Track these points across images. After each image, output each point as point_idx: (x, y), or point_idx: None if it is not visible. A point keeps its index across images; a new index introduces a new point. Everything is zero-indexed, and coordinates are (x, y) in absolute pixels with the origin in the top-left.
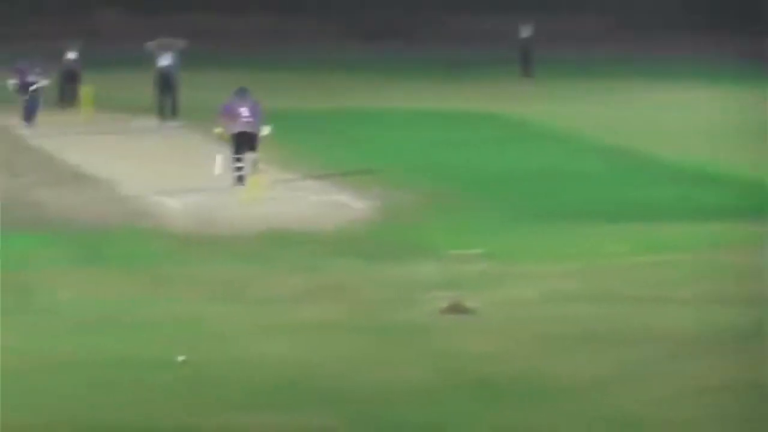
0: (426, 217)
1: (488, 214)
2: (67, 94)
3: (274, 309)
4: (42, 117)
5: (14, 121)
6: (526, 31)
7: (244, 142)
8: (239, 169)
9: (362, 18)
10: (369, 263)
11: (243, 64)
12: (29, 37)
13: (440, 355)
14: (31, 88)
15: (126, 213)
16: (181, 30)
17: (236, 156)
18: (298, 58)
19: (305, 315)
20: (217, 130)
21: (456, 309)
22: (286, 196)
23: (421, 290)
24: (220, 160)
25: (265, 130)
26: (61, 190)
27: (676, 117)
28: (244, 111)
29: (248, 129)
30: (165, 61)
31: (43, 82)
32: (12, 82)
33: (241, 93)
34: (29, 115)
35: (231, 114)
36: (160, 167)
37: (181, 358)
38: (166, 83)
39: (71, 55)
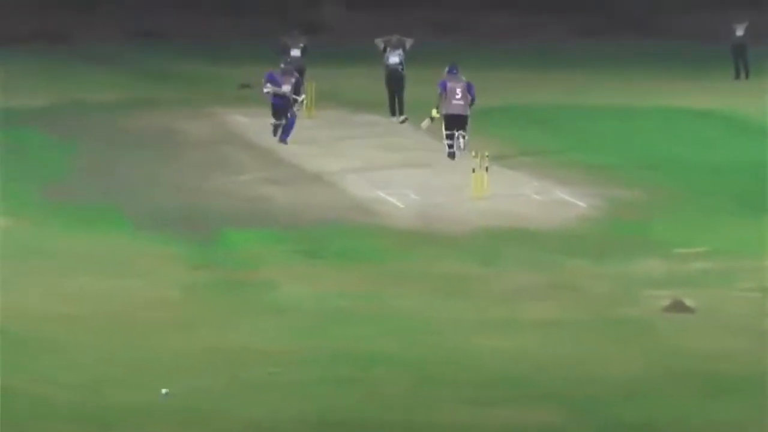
0: (649, 214)
1: (712, 210)
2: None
3: (500, 306)
4: (266, 114)
5: (240, 118)
6: (740, 28)
7: (454, 123)
8: (450, 146)
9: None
10: (594, 261)
11: (472, 59)
12: (250, 35)
13: (663, 352)
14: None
15: (351, 210)
16: (409, 25)
17: (447, 132)
18: (523, 53)
19: (531, 312)
20: (434, 113)
21: (678, 307)
22: (510, 193)
23: (645, 288)
24: (427, 122)
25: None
26: (285, 187)
27: None
28: (458, 91)
29: (459, 111)
30: (394, 58)
31: (302, 98)
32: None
33: (453, 70)
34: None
35: (445, 92)
36: (382, 164)
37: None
38: (395, 81)
39: (295, 52)
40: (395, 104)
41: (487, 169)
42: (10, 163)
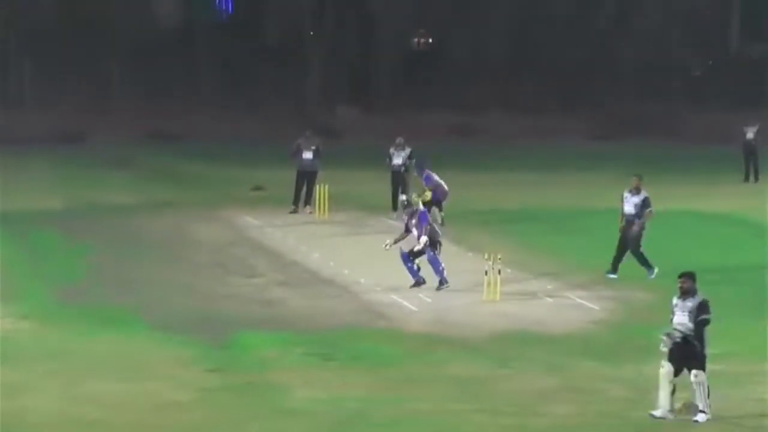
0: (664, 319)
1: (725, 314)
2: (304, 193)
3: (517, 409)
4: (279, 216)
5: (252, 220)
6: (751, 131)
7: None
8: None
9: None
10: (608, 364)
11: (489, 161)
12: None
13: None
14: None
15: (364, 313)
16: (424, 128)
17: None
18: (536, 155)
19: (547, 416)
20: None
21: (693, 409)
22: (523, 296)
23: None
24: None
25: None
26: (298, 290)
27: None
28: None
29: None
30: (397, 160)
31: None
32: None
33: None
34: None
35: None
36: (395, 266)
37: None
38: (398, 181)
39: (308, 155)
40: (398, 201)
41: (499, 271)
42: (29, 265)
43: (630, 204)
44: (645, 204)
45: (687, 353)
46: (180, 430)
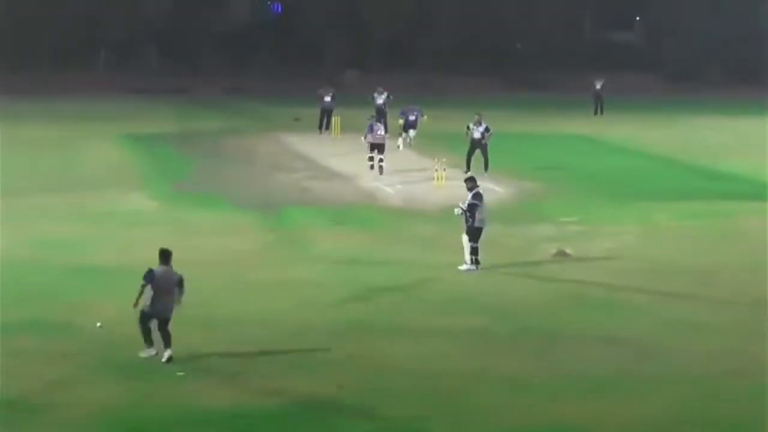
0: (544, 199)
1: (582, 197)
2: (325, 123)
3: (451, 254)
4: (309, 136)
5: (293, 138)
6: (599, 84)
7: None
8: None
9: (504, 76)
10: (509, 225)
11: (439, 108)
12: (306, 89)
13: (552, 281)
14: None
15: (361, 195)
16: (398, 83)
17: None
18: (471, 103)
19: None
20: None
21: (561, 254)
22: (459, 185)
23: (541, 242)
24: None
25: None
26: (321, 182)
27: (705, 137)
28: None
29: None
30: (380, 100)
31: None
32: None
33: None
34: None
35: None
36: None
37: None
38: (380, 114)
39: (327, 98)
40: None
41: (444, 169)
42: (154, 166)
43: (477, 132)
44: (487, 130)
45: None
46: (251, 266)
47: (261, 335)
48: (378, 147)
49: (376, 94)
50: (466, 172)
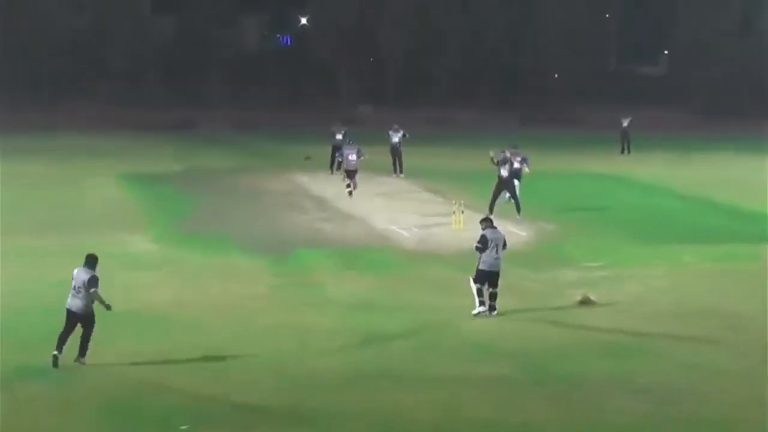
0: (567, 241)
1: (608, 239)
2: (336, 162)
3: (472, 296)
4: (321, 176)
5: (304, 178)
6: (626, 121)
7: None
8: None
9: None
10: (532, 270)
11: (449, 144)
12: (311, 124)
13: (578, 328)
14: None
15: (374, 237)
16: (416, 118)
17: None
18: (486, 138)
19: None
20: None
21: (586, 300)
22: (476, 226)
23: (565, 288)
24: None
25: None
26: (332, 223)
27: (735, 175)
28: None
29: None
30: (395, 139)
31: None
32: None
33: (513, 146)
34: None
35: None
36: (394, 208)
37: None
38: (395, 152)
39: (339, 136)
40: (396, 167)
41: (462, 211)
42: (157, 206)
43: (516, 163)
44: (525, 161)
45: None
46: (258, 311)
47: (270, 383)
48: (350, 173)
49: (391, 132)
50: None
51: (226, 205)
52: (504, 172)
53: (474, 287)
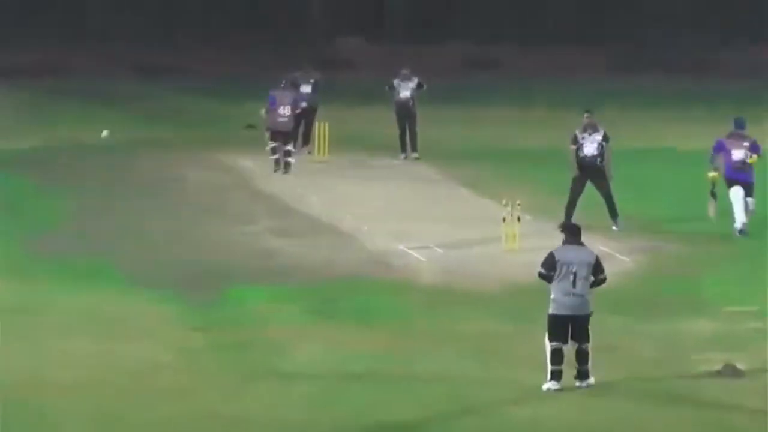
0: (695, 269)
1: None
2: (302, 132)
3: (534, 370)
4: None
5: (246, 162)
6: None
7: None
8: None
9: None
10: (639, 321)
11: (506, 97)
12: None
13: (703, 408)
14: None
15: (368, 264)
16: (442, 58)
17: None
18: (558, 90)
19: (568, 376)
20: (711, 173)
21: (729, 370)
22: (544, 246)
23: (694, 350)
24: (713, 205)
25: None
26: (296, 239)
27: None
28: (737, 152)
29: (740, 176)
30: (405, 92)
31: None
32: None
33: (738, 125)
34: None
35: (723, 152)
36: (401, 212)
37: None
38: (406, 116)
39: (306, 89)
40: (406, 141)
41: (519, 218)
42: None
43: (589, 147)
44: (605, 139)
45: None
46: (161, 394)
47: None
48: (281, 134)
49: (398, 81)
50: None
51: (113, 207)
52: (588, 150)
53: (547, 348)
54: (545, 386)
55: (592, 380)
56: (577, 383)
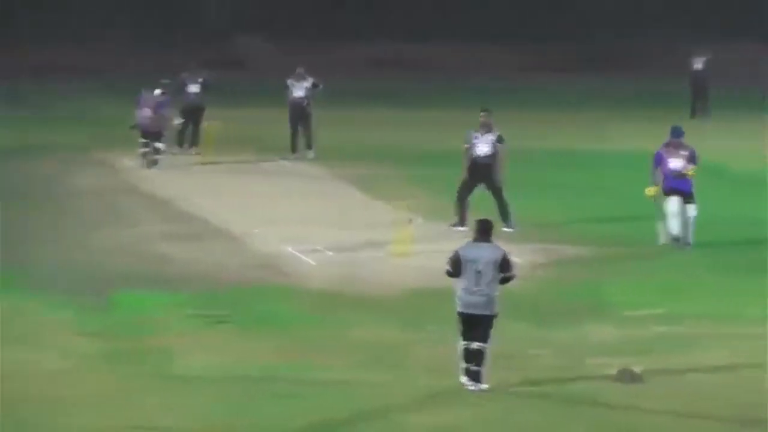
0: (601, 273)
1: (673, 270)
2: (189, 131)
3: (429, 377)
4: (165, 162)
5: (134, 164)
6: (699, 62)
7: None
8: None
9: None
10: (538, 327)
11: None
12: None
13: (605, 427)
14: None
15: (259, 268)
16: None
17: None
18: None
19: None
20: (649, 190)
21: (625, 375)
22: (438, 249)
23: (592, 354)
24: (663, 230)
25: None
26: (185, 243)
27: None
28: (675, 161)
29: (680, 184)
30: (299, 92)
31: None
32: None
33: (675, 133)
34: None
35: (661, 165)
36: (293, 215)
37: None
38: (299, 117)
39: (194, 88)
40: (297, 141)
41: (410, 221)
42: None
43: (482, 147)
44: (499, 140)
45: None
46: (47, 404)
47: None
48: (149, 133)
49: (291, 80)
50: (454, 224)
51: None
52: (479, 150)
53: (460, 346)
54: (461, 379)
55: (484, 386)
56: (464, 380)
